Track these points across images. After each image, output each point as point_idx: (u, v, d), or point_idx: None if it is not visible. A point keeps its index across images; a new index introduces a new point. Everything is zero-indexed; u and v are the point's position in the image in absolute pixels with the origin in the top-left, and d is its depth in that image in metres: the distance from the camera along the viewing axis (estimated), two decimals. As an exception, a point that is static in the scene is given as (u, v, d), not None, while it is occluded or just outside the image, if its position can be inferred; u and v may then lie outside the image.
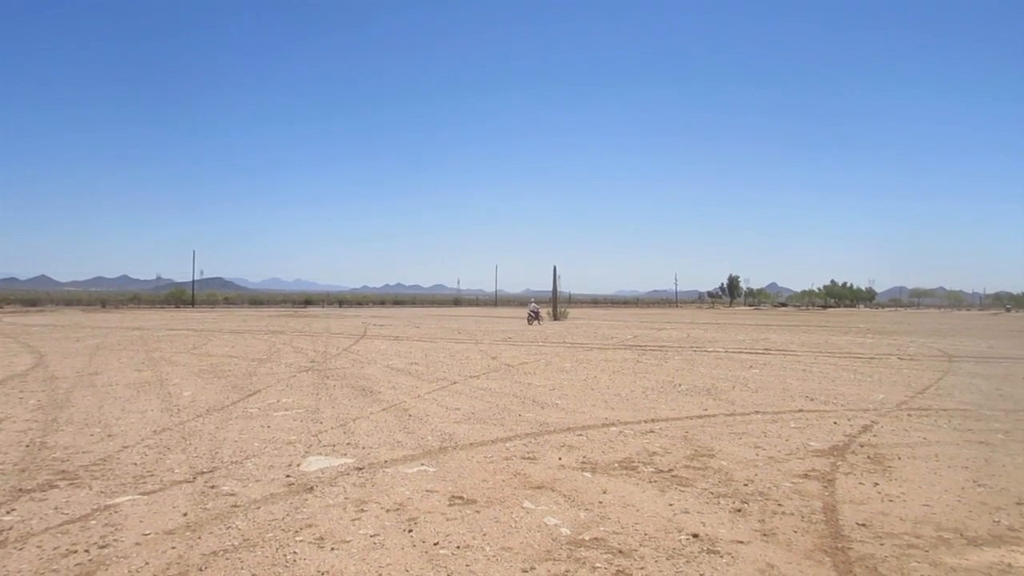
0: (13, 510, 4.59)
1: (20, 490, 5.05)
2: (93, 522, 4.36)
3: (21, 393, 9.77)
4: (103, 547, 3.93)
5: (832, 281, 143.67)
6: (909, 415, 8.61)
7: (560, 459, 6.16)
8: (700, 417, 8.30)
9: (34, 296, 78.55)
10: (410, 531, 4.25)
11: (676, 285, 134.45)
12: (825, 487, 5.36)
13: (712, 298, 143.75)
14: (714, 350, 18.91)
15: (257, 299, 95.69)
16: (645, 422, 7.97)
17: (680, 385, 11.19)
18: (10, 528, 4.23)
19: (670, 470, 5.81)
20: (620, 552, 3.94)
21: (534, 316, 36.30)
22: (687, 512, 4.70)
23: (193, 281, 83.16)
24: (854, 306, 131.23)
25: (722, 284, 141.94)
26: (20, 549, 3.89)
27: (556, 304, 45.25)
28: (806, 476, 5.67)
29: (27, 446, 6.50)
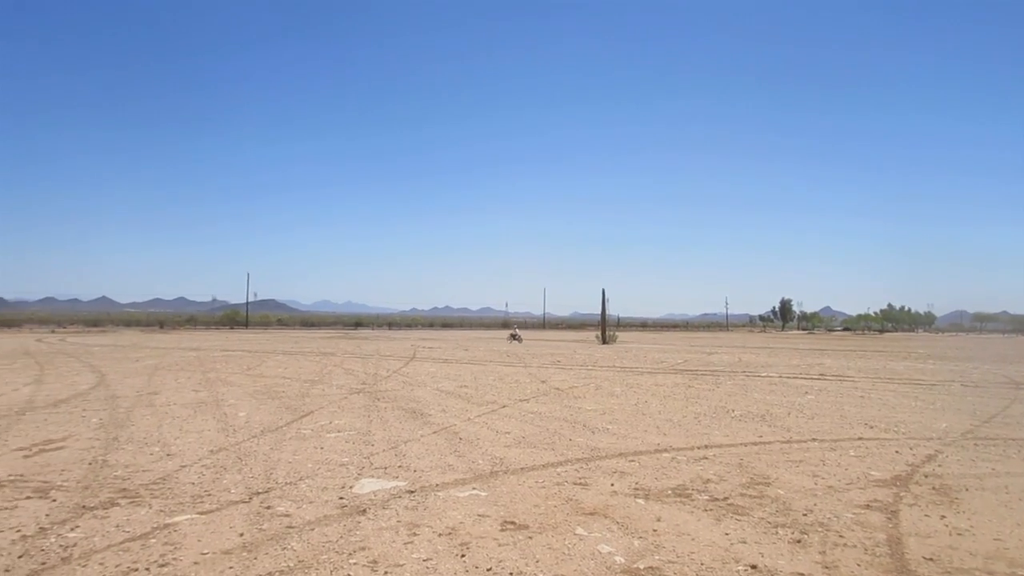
0: (77, 527, 4.71)
1: (83, 507, 5.19)
2: (153, 540, 4.44)
3: (84, 412, 10.07)
4: (163, 566, 4.00)
5: (889, 305, 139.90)
6: (976, 444, 8.29)
7: (612, 485, 6.08)
8: (755, 444, 8.13)
9: (96, 317, 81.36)
10: (463, 556, 4.23)
11: (727, 308, 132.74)
12: (889, 519, 5.18)
13: (764, 322, 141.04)
14: (767, 375, 18.52)
15: (309, 321, 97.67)
16: (698, 448, 7.83)
17: (733, 411, 10.98)
18: (74, 545, 4.34)
19: (725, 498, 5.69)
20: (676, 582, 3.86)
21: (514, 337, 43.85)
22: (744, 542, 4.58)
23: (247, 303, 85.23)
24: (912, 331, 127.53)
25: (774, 307, 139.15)
26: (84, 566, 3.98)
27: (605, 327, 44.96)
28: (868, 507, 5.49)
29: (90, 464, 6.69)
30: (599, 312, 46.63)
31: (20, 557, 4.12)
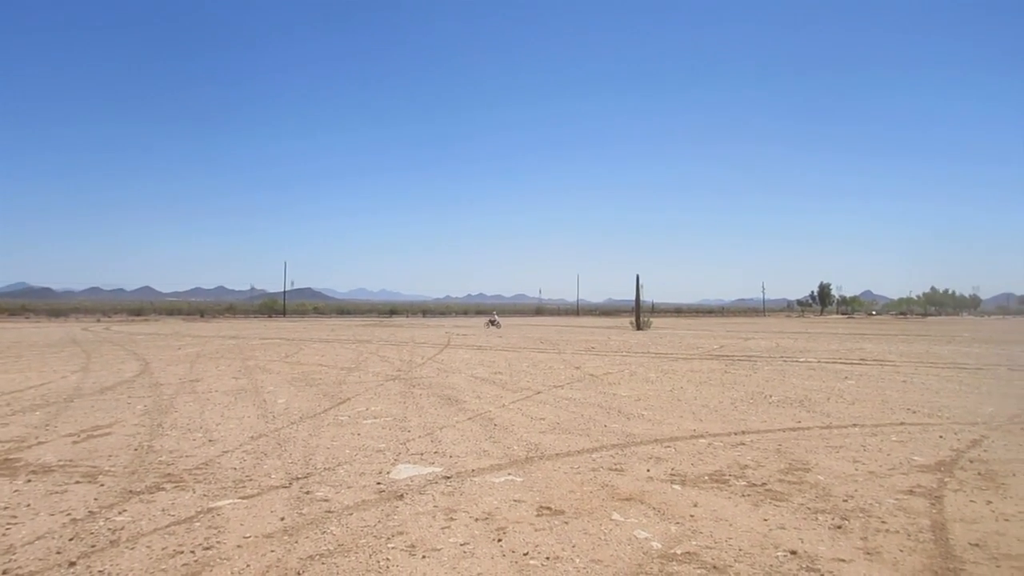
0: (125, 511, 4.83)
1: (130, 492, 5.31)
2: (197, 524, 4.54)
3: (129, 399, 10.30)
4: (207, 548, 4.08)
5: (932, 288, 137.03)
6: (1023, 429, 8.09)
7: (648, 471, 6.05)
8: (793, 429, 8.02)
9: (139, 306, 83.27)
10: (499, 540, 4.25)
11: (764, 293, 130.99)
12: (932, 504, 5.08)
13: (802, 306, 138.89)
14: (806, 360, 18.26)
15: (344, 309, 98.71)
16: (735, 434, 7.76)
17: (771, 396, 10.85)
18: (122, 528, 4.45)
19: (763, 484, 5.62)
20: (714, 567, 3.83)
21: (492, 323, 45.38)
22: (783, 528, 4.53)
23: (284, 292, 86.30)
24: (956, 314, 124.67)
25: (812, 292, 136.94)
26: (132, 548, 4.08)
27: (639, 313, 44.70)
28: (911, 492, 5.39)
29: (136, 449, 6.84)
30: (633, 298, 46.37)
31: (71, 540, 4.23)
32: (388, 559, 3.93)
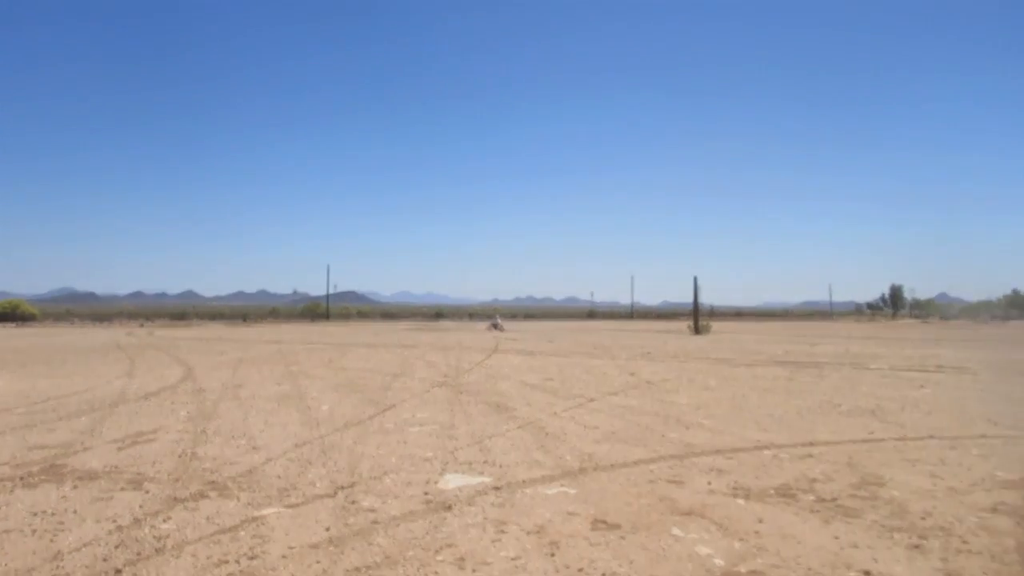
0: (169, 518, 4.76)
1: (175, 499, 5.26)
2: (242, 533, 4.44)
3: (172, 404, 10.37)
4: (252, 558, 3.98)
5: (1014, 291, 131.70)
6: (1114, 443, 7.54)
7: (709, 483, 5.77)
8: (865, 441, 7.62)
9: (182, 310, 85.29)
10: (552, 555, 4.04)
11: (831, 296, 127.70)
12: (1018, 524, 4.70)
13: (872, 310, 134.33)
14: (877, 367, 17.49)
15: (389, 313, 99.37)
16: (802, 445, 7.39)
17: (840, 405, 10.37)
18: (167, 536, 4.38)
19: (834, 499, 5.30)
20: (786, 590, 3.55)
21: (495, 326, 45.07)
22: (856, 546, 4.22)
23: (328, 295, 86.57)
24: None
25: (883, 294, 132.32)
26: (177, 557, 4.01)
27: (697, 317, 43.74)
28: (995, 510, 5.00)
29: (179, 456, 6.82)
30: (691, 301, 45.36)
31: (117, 547, 4.19)
32: (436, 572, 3.77)
